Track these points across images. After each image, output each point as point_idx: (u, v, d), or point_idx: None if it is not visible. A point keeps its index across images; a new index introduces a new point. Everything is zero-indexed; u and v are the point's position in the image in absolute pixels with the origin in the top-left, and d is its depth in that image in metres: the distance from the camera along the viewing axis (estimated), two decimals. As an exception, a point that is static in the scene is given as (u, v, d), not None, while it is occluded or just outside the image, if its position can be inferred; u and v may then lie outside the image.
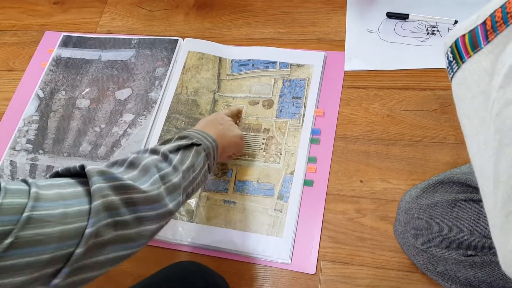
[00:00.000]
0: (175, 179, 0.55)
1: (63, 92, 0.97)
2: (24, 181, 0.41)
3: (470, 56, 0.37)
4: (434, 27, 0.89)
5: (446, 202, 0.61)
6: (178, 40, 0.97)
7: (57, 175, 0.48)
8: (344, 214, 0.76)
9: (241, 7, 1.02)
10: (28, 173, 0.89)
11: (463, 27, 0.38)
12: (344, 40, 0.92)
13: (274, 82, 0.89)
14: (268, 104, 0.88)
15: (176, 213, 0.79)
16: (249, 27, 0.99)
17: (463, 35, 0.38)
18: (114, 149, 0.88)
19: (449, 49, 0.39)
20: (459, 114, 0.39)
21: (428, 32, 0.89)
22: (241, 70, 0.92)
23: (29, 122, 0.94)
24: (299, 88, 0.88)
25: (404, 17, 0.91)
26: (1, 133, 0.95)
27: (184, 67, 0.94)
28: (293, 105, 0.86)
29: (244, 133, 0.85)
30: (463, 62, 0.38)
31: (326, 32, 0.95)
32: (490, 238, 0.59)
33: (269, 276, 0.74)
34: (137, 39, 1.00)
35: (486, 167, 0.34)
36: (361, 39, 0.91)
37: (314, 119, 0.84)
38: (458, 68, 0.38)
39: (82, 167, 0.46)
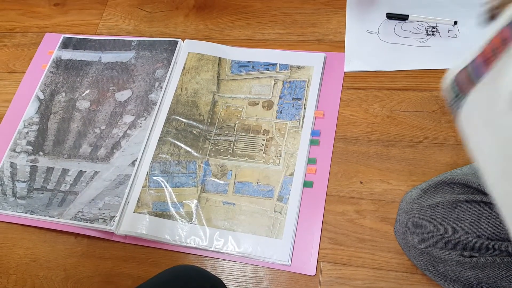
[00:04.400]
0: None
1: (63, 94, 0.97)
2: None
3: (472, 88, 0.38)
4: (434, 28, 0.89)
5: (446, 203, 0.61)
6: (178, 41, 0.98)
7: None
8: (344, 215, 0.76)
9: (241, 9, 1.02)
10: (28, 175, 0.89)
11: (460, 64, 0.39)
12: (344, 41, 0.92)
13: (274, 84, 0.89)
14: (268, 105, 0.88)
15: (176, 214, 0.80)
16: (249, 28, 0.99)
17: (463, 69, 0.39)
18: (114, 150, 0.88)
19: (450, 86, 0.40)
20: (470, 148, 0.39)
21: (427, 33, 0.88)
22: (241, 71, 0.92)
23: (29, 124, 0.94)
24: (299, 89, 0.88)
25: (403, 18, 0.91)
26: (1, 135, 0.95)
27: (184, 68, 0.94)
28: (293, 106, 0.86)
29: (243, 134, 0.85)
30: (465, 96, 0.39)
31: (326, 33, 0.95)
32: (491, 240, 0.59)
33: (269, 278, 0.74)
34: (137, 40, 1.00)
35: (510, 193, 0.34)
36: (361, 40, 0.91)
37: (314, 120, 0.84)
38: (461, 102, 0.39)
39: None
